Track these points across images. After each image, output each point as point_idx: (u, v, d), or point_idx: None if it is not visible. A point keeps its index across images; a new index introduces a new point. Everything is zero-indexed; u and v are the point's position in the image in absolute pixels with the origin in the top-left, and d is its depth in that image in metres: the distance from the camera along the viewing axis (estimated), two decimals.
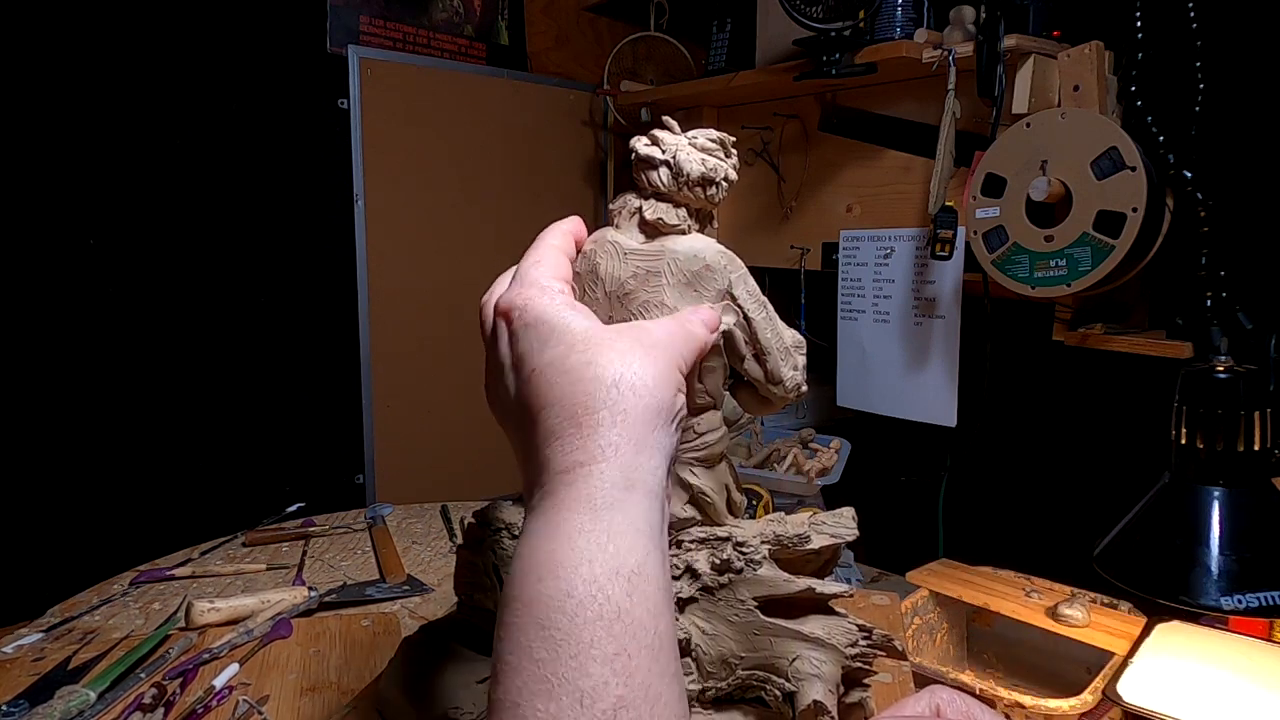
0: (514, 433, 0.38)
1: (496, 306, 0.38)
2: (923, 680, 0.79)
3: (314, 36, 1.49)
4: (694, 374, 0.45)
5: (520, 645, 0.30)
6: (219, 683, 0.70)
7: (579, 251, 0.48)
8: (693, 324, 0.41)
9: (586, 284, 0.48)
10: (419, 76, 1.62)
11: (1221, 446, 0.73)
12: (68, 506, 1.28)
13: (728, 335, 0.48)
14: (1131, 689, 0.82)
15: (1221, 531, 0.71)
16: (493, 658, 0.31)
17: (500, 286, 0.42)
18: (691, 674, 0.52)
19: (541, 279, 0.39)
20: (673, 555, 0.52)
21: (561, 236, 0.44)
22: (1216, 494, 0.73)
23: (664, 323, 0.41)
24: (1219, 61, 0.96)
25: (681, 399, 0.37)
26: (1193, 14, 0.94)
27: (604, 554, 0.31)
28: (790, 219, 1.51)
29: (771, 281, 1.54)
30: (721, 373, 0.51)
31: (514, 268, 0.44)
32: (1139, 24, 0.98)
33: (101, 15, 1.26)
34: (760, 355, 0.49)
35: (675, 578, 0.52)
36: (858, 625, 0.56)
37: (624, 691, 0.29)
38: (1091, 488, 1.27)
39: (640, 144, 0.48)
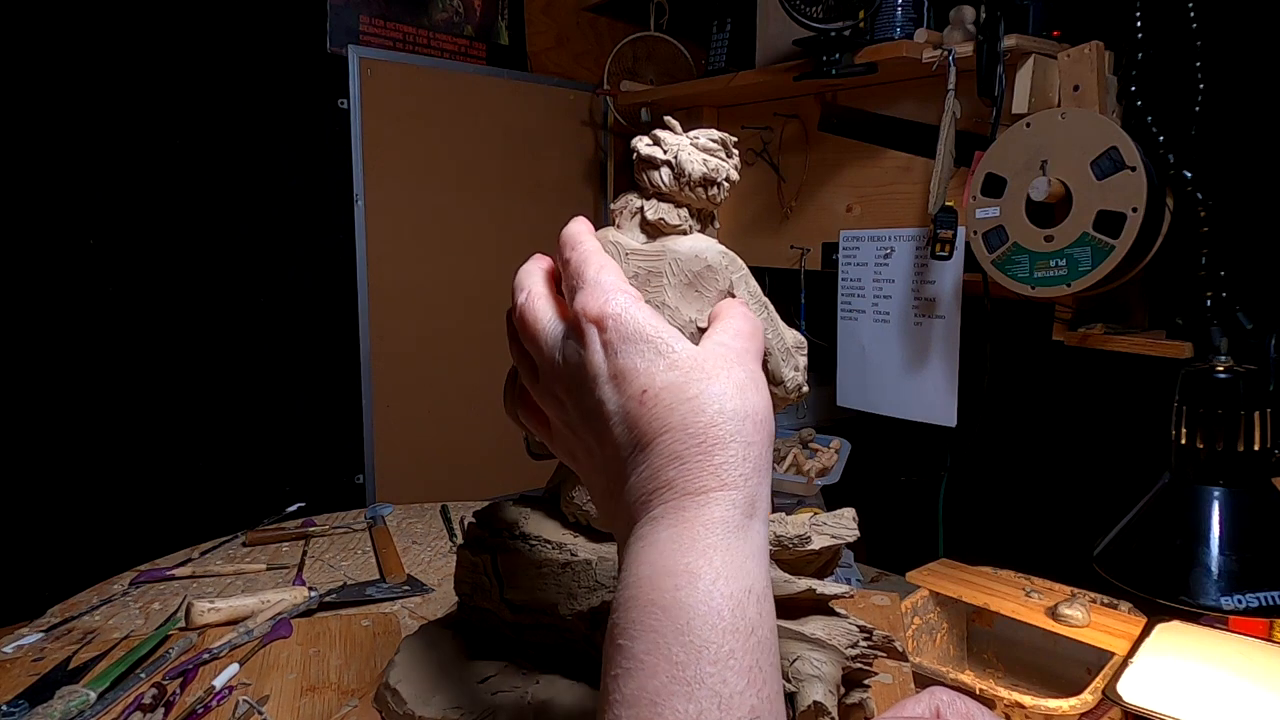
0: (600, 440, 0.38)
1: (585, 313, 0.38)
2: (923, 680, 0.79)
3: (314, 36, 1.49)
4: None
5: (658, 646, 0.31)
6: (219, 683, 0.70)
7: None
8: (750, 318, 0.42)
9: None
10: (419, 76, 1.61)
11: (1221, 446, 0.73)
12: (68, 506, 1.28)
13: None
14: (1131, 689, 0.82)
15: (1221, 531, 0.72)
16: (614, 654, 0.32)
17: (532, 285, 0.42)
18: None
19: (621, 285, 0.39)
20: None
21: (593, 238, 0.43)
22: (1216, 494, 0.73)
23: (739, 330, 0.41)
24: (1219, 61, 0.96)
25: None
26: (1193, 14, 0.94)
27: (740, 573, 0.33)
28: (790, 219, 1.51)
29: (771, 281, 1.54)
30: None
31: (534, 266, 0.43)
32: (1139, 24, 0.98)
33: (101, 15, 1.26)
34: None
35: None
36: (858, 626, 0.56)
37: (756, 703, 0.30)
38: (1091, 488, 1.27)
39: (642, 144, 0.48)
